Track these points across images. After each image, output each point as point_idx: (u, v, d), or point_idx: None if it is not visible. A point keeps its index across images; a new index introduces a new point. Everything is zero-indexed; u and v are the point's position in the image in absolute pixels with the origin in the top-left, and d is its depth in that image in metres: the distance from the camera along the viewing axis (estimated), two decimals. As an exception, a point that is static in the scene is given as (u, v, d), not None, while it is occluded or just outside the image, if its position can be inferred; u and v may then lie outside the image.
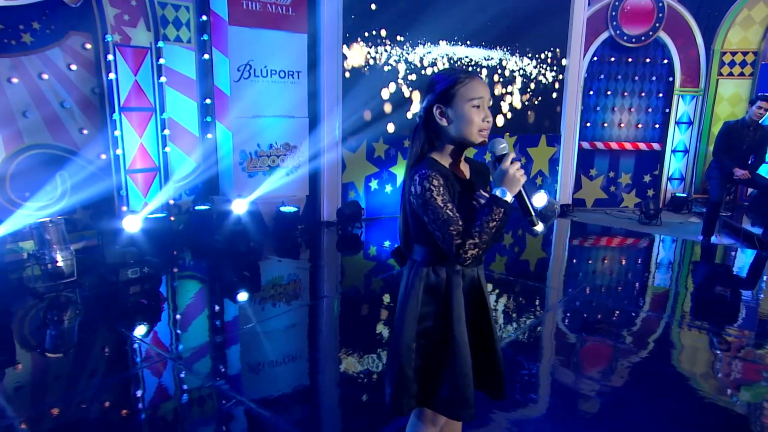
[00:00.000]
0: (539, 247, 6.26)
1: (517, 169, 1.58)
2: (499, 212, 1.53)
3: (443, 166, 1.62)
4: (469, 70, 1.66)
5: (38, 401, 2.67)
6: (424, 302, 1.63)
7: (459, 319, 1.61)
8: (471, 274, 1.68)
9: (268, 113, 5.73)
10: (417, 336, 1.63)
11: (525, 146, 7.40)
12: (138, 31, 5.03)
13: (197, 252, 5.22)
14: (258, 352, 3.32)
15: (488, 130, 1.62)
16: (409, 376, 1.63)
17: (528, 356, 3.25)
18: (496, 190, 1.56)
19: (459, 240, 1.50)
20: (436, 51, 6.54)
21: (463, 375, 1.60)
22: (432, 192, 1.52)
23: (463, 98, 1.58)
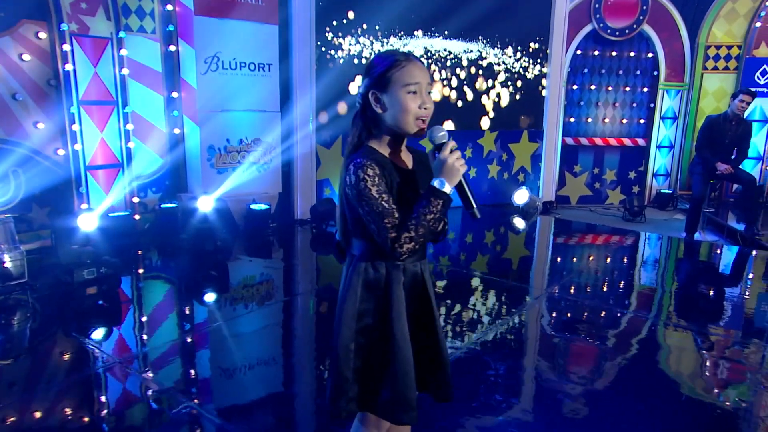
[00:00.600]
0: (520, 245, 6.10)
1: (457, 159, 1.48)
2: (438, 204, 1.43)
3: (381, 155, 1.52)
4: (407, 53, 1.53)
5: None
6: (363, 299, 1.53)
7: (399, 317, 1.51)
8: (413, 269, 1.57)
9: (238, 107, 5.52)
10: (356, 335, 1.54)
11: (506, 142, 7.24)
12: (97, 21, 4.80)
13: (163, 252, 5.00)
14: (220, 355, 3.14)
15: (427, 118, 1.52)
16: (347, 377, 1.54)
17: (500, 356, 3.09)
18: (434, 180, 1.46)
19: (394, 233, 1.42)
20: (413, 43, 6.36)
21: (404, 375, 1.50)
22: (366, 182, 1.42)
23: (398, 83, 1.46)
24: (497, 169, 7.26)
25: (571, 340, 3.35)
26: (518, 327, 3.60)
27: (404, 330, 1.52)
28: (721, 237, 6.18)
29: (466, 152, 6.95)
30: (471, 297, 4.12)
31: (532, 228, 6.62)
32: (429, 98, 1.52)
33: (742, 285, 4.75)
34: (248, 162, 5.66)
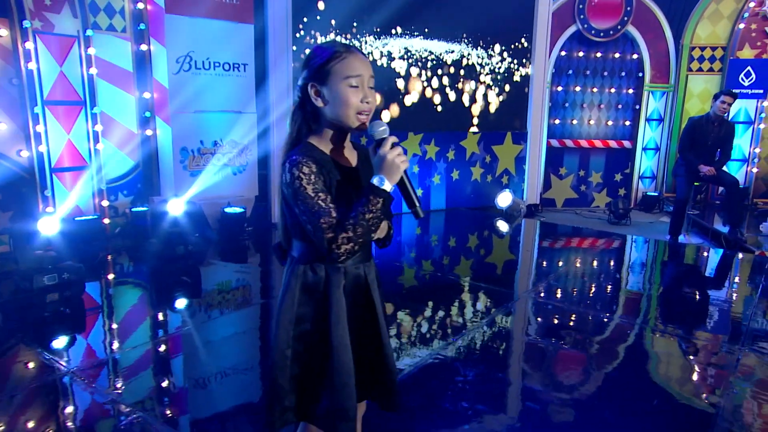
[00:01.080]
0: (504, 248, 5.98)
1: (398, 155, 1.39)
2: (377, 202, 1.36)
3: (321, 152, 1.45)
4: (348, 45, 1.47)
5: None
6: (301, 303, 1.47)
7: (338, 322, 1.44)
8: (355, 272, 1.50)
9: (212, 108, 5.38)
10: (293, 341, 1.47)
11: (490, 144, 7.13)
12: (62, 18, 4.65)
13: (131, 257, 4.85)
14: (184, 363, 3.00)
15: (369, 113, 1.45)
16: (284, 386, 1.47)
17: (478, 362, 2.98)
18: (374, 178, 1.38)
19: (331, 234, 1.34)
20: (392, 43, 6.24)
21: (342, 384, 1.43)
22: (302, 180, 1.35)
23: (338, 76, 1.40)
24: (480, 172, 7.16)
25: (553, 346, 3.24)
26: (499, 332, 3.49)
27: (344, 336, 1.44)
28: (705, 240, 6.10)
29: (449, 154, 6.85)
30: (452, 302, 3.99)
31: (516, 231, 6.51)
32: (371, 92, 1.45)
33: (727, 288, 4.67)
34: (222, 164, 5.52)
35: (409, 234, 6.24)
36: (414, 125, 6.54)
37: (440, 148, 6.77)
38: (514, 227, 6.58)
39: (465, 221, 6.81)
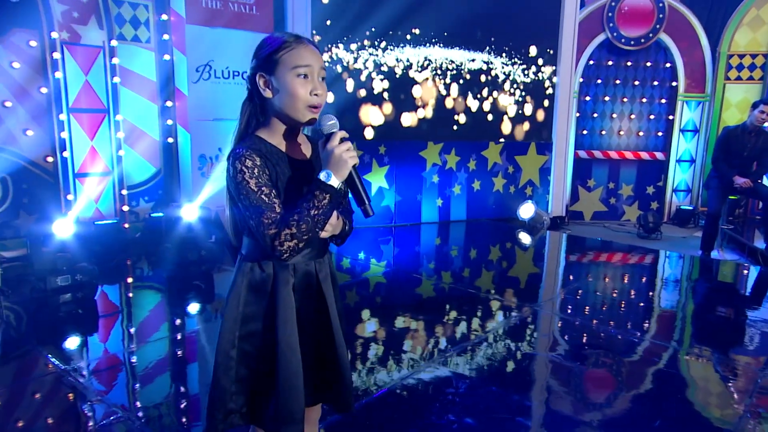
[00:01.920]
0: (525, 261, 5.79)
1: (346, 150, 1.35)
2: (324, 198, 1.32)
3: (270, 145, 1.41)
4: (298, 35, 1.42)
5: None
6: (248, 302, 1.42)
7: (285, 322, 1.39)
8: (305, 269, 1.44)
9: (231, 116, 5.42)
10: (240, 341, 1.43)
11: (513, 154, 6.98)
12: (89, 30, 4.83)
13: (146, 260, 4.94)
14: (191, 369, 2.99)
15: (320, 106, 1.41)
16: (227, 388, 1.43)
17: (500, 383, 2.80)
18: (321, 173, 1.34)
19: (274, 230, 1.30)
20: (413, 52, 6.21)
21: (289, 386, 1.39)
22: (245, 174, 1.32)
23: (286, 66, 1.36)
24: (503, 182, 7.00)
25: (579, 366, 3.02)
26: (519, 349, 3.26)
27: (291, 336, 1.40)
28: (742, 256, 5.76)
29: (470, 164, 6.74)
30: (471, 315, 3.84)
31: (540, 244, 6.31)
32: (321, 84, 1.41)
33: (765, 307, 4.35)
34: (240, 171, 5.58)
35: (429, 244, 6.14)
36: (434, 134, 6.47)
37: (461, 157, 6.67)
38: (537, 239, 6.39)
39: (486, 232, 6.66)
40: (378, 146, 6.20)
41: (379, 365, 2.98)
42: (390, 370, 2.92)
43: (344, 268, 5.19)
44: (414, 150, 6.40)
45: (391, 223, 6.49)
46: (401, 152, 6.33)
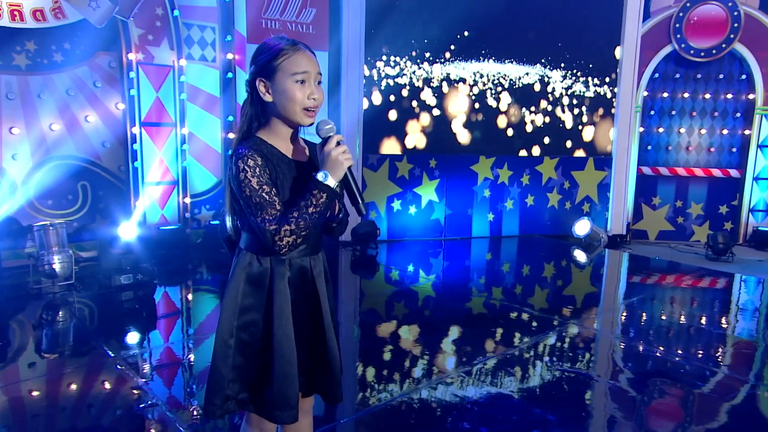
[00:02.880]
0: (581, 280, 5.53)
1: (342, 152, 1.44)
2: (321, 197, 1.41)
3: (270, 146, 1.49)
4: (295, 41, 1.49)
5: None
6: (246, 293, 1.50)
7: (281, 313, 1.47)
8: (300, 264, 1.52)
9: (286, 130, 5.73)
10: (238, 330, 1.51)
11: (569, 169, 6.80)
12: (161, 50, 5.27)
13: (208, 265, 5.24)
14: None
15: (316, 109, 1.49)
16: (225, 375, 1.50)
17: (552, 411, 2.58)
18: (318, 173, 1.43)
19: (274, 226, 1.39)
20: (465, 66, 6.25)
21: (284, 374, 1.47)
22: (247, 173, 1.40)
23: (285, 72, 1.44)
24: (558, 198, 6.83)
25: (641, 396, 2.76)
26: (578, 377, 3.02)
27: (286, 327, 1.48)
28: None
29: (523, 179, 6.64)
30: (525, 335, 3.64)
31: (597, 262, 6.07)
32: (318, 89, 1.49)
33: None
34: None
35: (480, 259, 6.09)
36: (486, 149, 6.44)
37: (513, 172, 6.59)
38: (593, 257, 6.16)
39: (539, 249, 6.51)
40: (429, 160, 6.26)
41: (424, 377, 2.96)
42: (429, 382, 2.88)
43: (393, 279, 5.26)
44: (465, 164, 6.41)
45: (440, 236, 6.50)
46: (452, 166, 6.35)
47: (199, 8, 5.46)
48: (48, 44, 4.81)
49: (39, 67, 4.80)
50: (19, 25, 4.60)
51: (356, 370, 3.06)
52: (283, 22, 5.56)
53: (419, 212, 6.36)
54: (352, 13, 5.77)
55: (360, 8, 5.77)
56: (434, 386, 2.84)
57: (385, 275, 5.36)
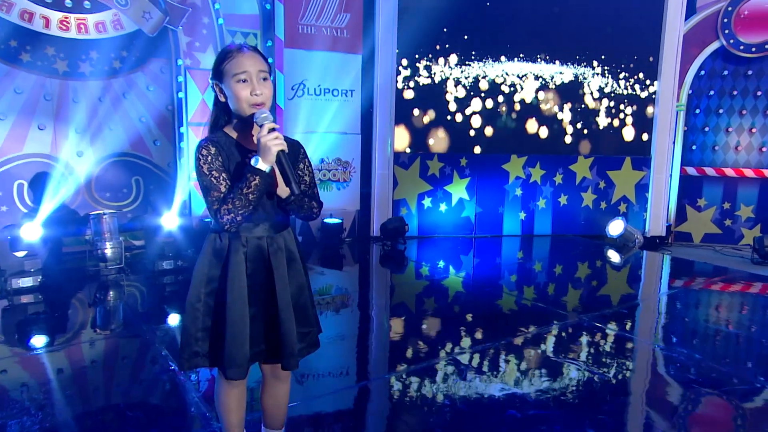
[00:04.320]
0: (616, 281, 5.39)
1: (273, 138, 1.58)
2: (254, 179, 1.57)
3: (228, 138, 1.70)
4: (240, 45, 1.66)
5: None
6: (212, 265, 1.71)
7: (233, 281, 1.66)
8: (257, 242, 1.69)
9: (321, 129, 6.05)
10: (206, 296, 1.71)
11: (605, 169, 6.70)
12: (207, 56, 5.71)
13: None
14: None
15: (262, 104, 1.64)
16: (193, 334, 1.71)
17: (586, 419, 2.48)
18: (252, 158, 1.60)
19: (216, 205, 1.59)
20: (498, 67, 6.32)
21: (233, 335, 1.65)
22: (200, 161, 1.63)
23: (229, 74, 1.62)
24: (593, 198, 6.75)
25: (686, 410, 2.61)
26: (619, 385, 2.90)
27: (239, 294, 1.66)
28: None
29: (556, 178, 6.61)
30: (556, 336, 3.56)
31: (634, 264, 5.94)
32: (262, 85, 1.63)
33: None
34: (327, 179, 6.12)
35: (511, 257, 6.12)
36: (518, 148, 6.48)
37: (546, 171, 6.58)
38: (627, 258, 6.06)
39: (572, 248, 6.45)
40: (459, 158, 6.38)
41: (453, 374, 2.96)
42: (456, 379, 2.89)
43: (423, 274, 5.40)
44: (496, 163, 6.47)
45: (471, 234, 6.60)
46: (483, 165, 6.44)
47: (242, 16, 5.87)
48: (107, 53, 5.35)
49: (100, 74, 5.34)
50: (84, 36, 5.15)
51: (385, 360, 3.19)
52: (318, 27, 5.87)
53: (449, 210, 6.49)
54: (384, 16, 6.00)
55: (392, 11, 5.98)
56: (458, 381, 2.86)
57: (416, 270, 5.49)
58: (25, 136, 5.08)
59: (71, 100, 5.24)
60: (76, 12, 5.05)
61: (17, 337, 3.40)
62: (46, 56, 5.08)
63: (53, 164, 5.19)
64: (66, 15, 5.01)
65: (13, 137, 5.02)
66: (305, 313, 1.81)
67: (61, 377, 2.84)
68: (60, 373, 2.90)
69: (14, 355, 3.14)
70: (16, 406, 2.48)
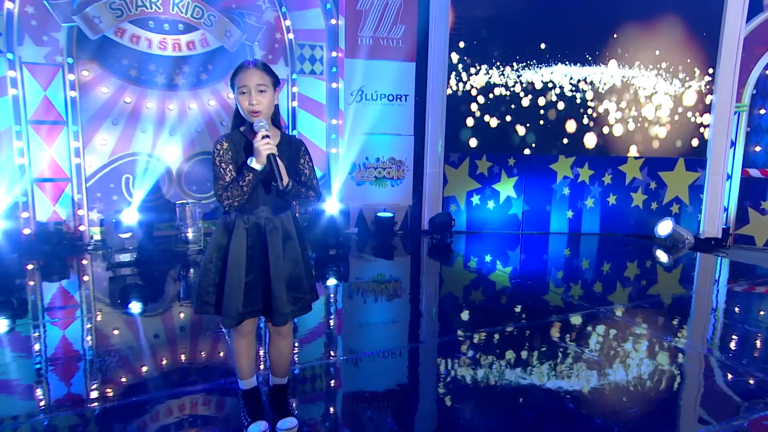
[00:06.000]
0: (666, 282, 5.36)
1: (264, 144, 1.98)
2: (248, 175, 2.01)
3: (241, 136, 2.13)
4: (247, 62, 2.08)
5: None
6: (222, 236, 2.17)
7: (233, 249, 2.12)
8: (256, 221, 2.12)
9: (377, 131, 6.64)
10: (216, 259, 2.15)
11: (656, 170, 6.72)
12: (278, 67, 6.49)
13: (309, 243, 6.24)
14: (334, 341, 3.50)
15: (258, 112, 2.04)
16: (204, 288, 2.17)
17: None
18: (249, 159, 2.03)
19: (220, 192, 2.05)
20: (546, 70, 6.57)
21: (229, 292, 2.11)
22: (214, 154, 2.09)
23: (236, 87, 2.07)
24: (643, 198, 6.79)
25: (741, 427, 2.43)
26: (657, 388, 2.82)
27: (237, 260, 2.10)
28: None
29: (605, 178, 6.74)
30: (601, 336, 3.56)
31: (687, 265, 5.92)
32: (258, 96, 2.02)
33: None
34: (382, 177, 6.71)
35: (558, 254, 6.34)
36: (566, 148, 6.69)
37: (595, 171, 6.73)
38: (675, 259, 6.10)
39: (619, 247, 6.55)
40: (507, 158, 6.71)
41: (495, 365, 3.10)
42: (500, 372, 3.00)
43: (470, 267, 5.78)
44: (544, 163, 6.73)
45: (518, 230, 6.90)
46: (531, 165, 6.73)
47: (310, 31, 6.59)
48: (196, 67, 6.27)
49: (190, 85, 6.28)
50: (178, 53, 6.10)
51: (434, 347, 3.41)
52: (375, 38, 6.46)
53: (497, 207, 6.84)
54: (437, 26, 6.47)
55: (444, 21, 6.45)
56: (506, 373, 2.99)
57: (463, 263, 5.85)
58: (131, 138, 6.12)
59: (166, 108, 6.21)
60: (172, 34, 6.00)
61: (119, 302, 4.27)
62: (149, 71, 6.08)
63: (151, 161, 6.20)
64: (164, 36, 5.97)
65: (123, 139, 6.07)
66: (299, 283, 2.20)
67: (153, 336, 3.65)
68: (152, 332, 3.71)
69: (121, 316, 4.01)
70: (119, 354, 3.29)
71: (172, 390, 2.70)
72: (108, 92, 5.86)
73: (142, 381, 2.83)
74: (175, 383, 2.78)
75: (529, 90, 6.62)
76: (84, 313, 4.00)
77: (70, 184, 5.82)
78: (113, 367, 2.97)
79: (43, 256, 5.36)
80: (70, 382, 2.82)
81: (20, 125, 5.48)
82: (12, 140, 5.47)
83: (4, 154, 5.46)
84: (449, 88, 6.59)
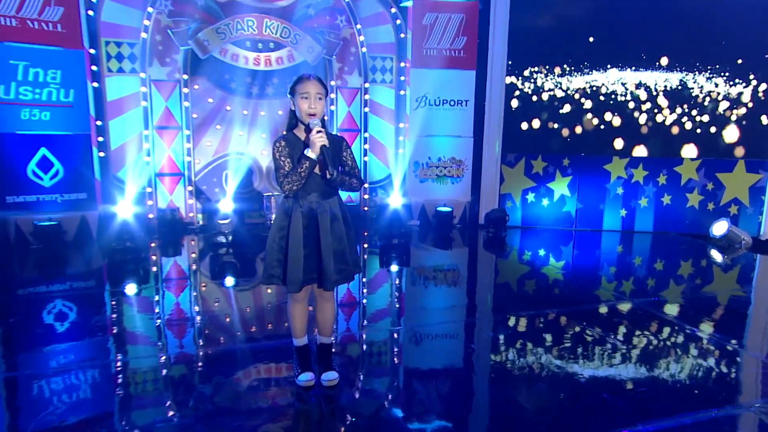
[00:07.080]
0: (720, 282, 5.43)
1: (318, 137, 2.50)
2: (305, 163, 2.52)
3: (296, 136, 2.64)
4: (308, 75, 2.63)
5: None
6: (282, 218, 2.67)
7: (293, 231, 2.63)
8: (309, 206, 2.62)
9: (439, 133, 7.33)
10: (279, 239, 2.66)
11: (713, 171, 6.81)
12: (352, 77, 7.37)
13: (375, 232, 7.04)
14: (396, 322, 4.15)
15: (315, 115, 2.59)
16: (270, 263, 2.70)
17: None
18: (306, 149, 2.55)
19: (282, 179, 2.55)
20: (601, 74, 6.88)
21: (293, 264, 2.62)
22: (274, 150, 2.61)
23: (297, 93, 2.59)
24: (699, 199, 6.90)
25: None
26: (709, 392, 2.82)
27: (296, 238, 2.59)
28: None
29: (659, 179, 6.94)
30: (650, 337, 3.64)
31: (741, 266, 5.98)
32: (316, 102, 2.56)
33: None
34: (443, 175, 7.40)
35: (610, 251, 6.59)
36: (621, 150, 6.97)
37: (649, 172, 6.95)
38: (730, 260, 6.21)
39: (673, 246, 6.69)
40: (562, 159, 7.11)
41: (544, 354, 3.33)
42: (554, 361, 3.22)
43: (524, 260, 6.20)
44: (598, 164, 7.06)
45: (571, 227, 7.29)
46: (585, 165, 7.08)
47: (381, 44, 7.40)
48: (284, 79, 7.29)
49: (278, 94, 7.31)
50: (269, 68, 7.16)
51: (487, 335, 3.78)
52: (439, 49, 7.13)
53: (551, 204, 7.27)
54: (497, 36, 7.01)
55: (504, 31, 6.97)
56: (557, 362, 3.22)
57: (518, 256, 6.27)
58: (230, 140, 7.28)
59: (259, 114, 7.31)
60: (264, 51, 7.06)
61: (218, 278, 5.33)
62: (245, 83, 7.19)
63: (246, 159, 7.33)
64: (258, 54, 7.05)
65: (224, 141, 7.24)
66: (343, 256, 2.68)
67: (242, 304, 4.66)
68: (240, 301, 4.73)
69: (219, 287, 5.08)
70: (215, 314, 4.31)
71: (250, 344, 3.52)
72: (213, 102, 7.04)
73: (232, 336, 3.74)
74: (254, 339, 3.64)
75: (584, 93, 6.97)
76: (191, 283, 5.12)
77: (183, 178, 7.09)
78: (211, 325, 3.96)
79: (162, 236, 6.65)
80: (183, 335, 3.79)
81: (148, 130, 6.81)
82: (142, 142, 6.81)
83: (137, 154, 6.82)
84: (507, 93, 7.11)
